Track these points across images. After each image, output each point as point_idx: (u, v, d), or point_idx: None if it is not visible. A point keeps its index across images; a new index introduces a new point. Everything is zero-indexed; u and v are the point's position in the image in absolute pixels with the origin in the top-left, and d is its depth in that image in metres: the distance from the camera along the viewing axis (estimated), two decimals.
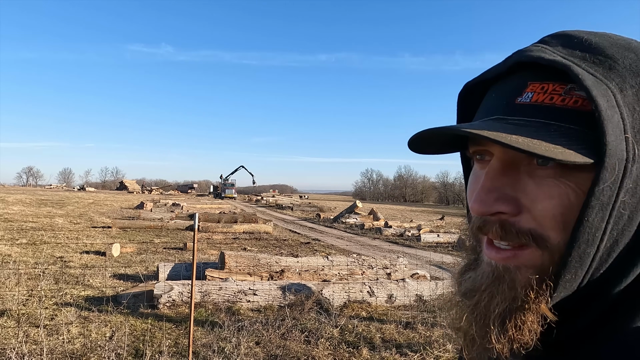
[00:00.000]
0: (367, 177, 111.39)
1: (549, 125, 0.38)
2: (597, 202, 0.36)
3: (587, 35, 0.41)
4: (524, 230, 0.39)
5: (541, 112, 0.39)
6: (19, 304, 4.89)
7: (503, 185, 0.40)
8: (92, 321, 4.50)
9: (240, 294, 5.32)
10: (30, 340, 3.92)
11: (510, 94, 0.42)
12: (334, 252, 10.57)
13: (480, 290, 0.42)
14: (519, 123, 0.39)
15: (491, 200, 0.40)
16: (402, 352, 4.07)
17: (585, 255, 0.37)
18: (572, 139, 0.36)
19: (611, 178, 0.35)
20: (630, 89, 0.37)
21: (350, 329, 4.62)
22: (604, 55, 0.39)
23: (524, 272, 0.40)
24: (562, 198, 0.38)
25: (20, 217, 14.94)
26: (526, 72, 0.41)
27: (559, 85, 0.39)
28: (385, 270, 7.18)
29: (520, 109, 0.40)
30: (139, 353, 3.76)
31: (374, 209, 22.15)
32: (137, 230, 13.13)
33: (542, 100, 0.39)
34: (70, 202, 24.93)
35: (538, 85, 0.40)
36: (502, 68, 0.44)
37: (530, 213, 0.39)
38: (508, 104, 0.41)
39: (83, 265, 7.38)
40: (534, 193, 0.39)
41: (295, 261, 6.83)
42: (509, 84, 0.43)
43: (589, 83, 0.36)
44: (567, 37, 0.42)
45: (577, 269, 0.37)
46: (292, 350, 3.97)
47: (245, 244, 11.23)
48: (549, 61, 0.38)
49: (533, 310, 0.39)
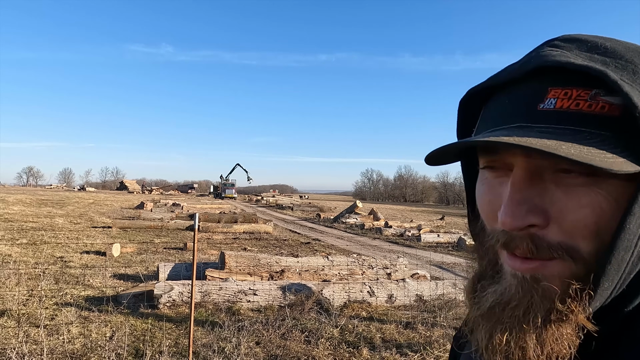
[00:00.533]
0: (367, 177, 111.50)
1: (581, 132, 0.36)
2: (638, 209, 0.35)
3: (599, 40, 0.40)
4: (554, 244, 0.37)
5: (569, 119, 0.37)
6: (19, 304, 4.89)
7: (532, 196, 0.38)
8: (92, 321, 4.50)
9: (241, 294, 5.32)
10: (31, 340, 3.92)
11: (530, 100, 0.39)
12: (334, 252, 10.57)
13: (510, 304, 0.39)
14: (548, 130, 0.37)
15: (522, 212, 0.37)
16: (402, 352, 4.07)
17: (622, 261, 0.36)
18: (611, 146, 0.35)
19: None
20: None
21: (350, 329, 4.62)
22: (625, 60, 0.38)
23: (555, 282, 0.38)
24: (595, 207, 0.36)
25: (21, 217, 14.95)
26: (544, 78, 0.39)
27: (583, 91, 0.37)
28: (385, 270, 7.18)
29: (544, 115, 0.38)
30: (139, 353, 3.76)
31: (374, 209, 22.15)
32: (137, 230, 13.13)
33: (567, 106, 0.37)
34: (70, 202, 24.94)
35: (561, 91, 0.38)
36: (518, 73, 0.41)
37: (559, 224, 0.37)
38: (529, 110, 0.39)
39: (83, 265, 7.38)
40: (563, 202, 0.37)
41: (296, 261, 6.83)
42: (524, 90, 0.40)
43: (628, 89, 0.35)
44: (581, 42, 0.41)
45: (614, 276, 0.36)
46: (292, 350, 3.97)
47: (245, 244, 11.23)
48: (581, 67, 0.37)
49: (572, 321, 0.37)
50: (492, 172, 0.43)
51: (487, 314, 0.41)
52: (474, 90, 0.46)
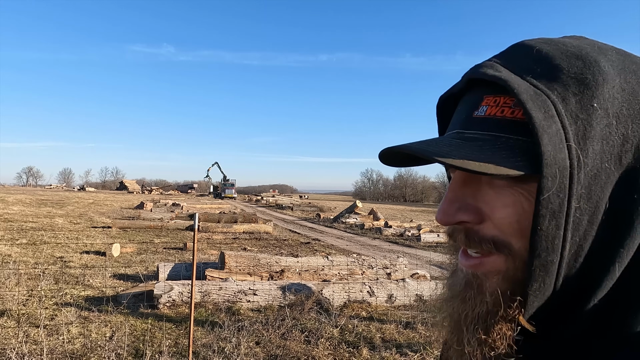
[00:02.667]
0: (367, 177, 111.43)
1: (499, 137, 0.39)
2: (546, 211, 0.36)
3: (540, 45, 0.41)
4: (486, 238, 0.40)
5: (493, 125, 0.40)
6: (19, 304, 4.89)
7: (465, 196, 0.41)
8: (92, 321, 4.50)
9: (240, 294, 5.32)
10: (31, 340, 3.92)
11: (470, 108, 0.43)
12: (334, 252, 10.57)
13: (455, 297, 0.43)
14: (473, 137, 0.40)
15: (453, 210, 0.41)
16: (402, 352, 4.07)
17: (548, 263, 0.37)
18: (516, 151, 0.38)
19: (554, 186, 0.36)
20: (574, 97, 0.37)
21: (350, 328, 4.62)
22: (550, 66, 0.39)
23: (491, 279, 0.41)
24: (517, 206, 0.39)
25: (20, 217, 14.94)
26: (482, 86, 0.42)
27: (509, 98, 0.39)
28: (385, 270, 7.18)
29: (476, 122, 0.41)
30: (139, 353, 3.76)
31: (374, 208, 22.15)
32: (137, 230, 13.13)
33: (494, 113, 0.40)
34: (70, 202, 24.93)
35: (492, 99, 0.41)
36: (461, 84, 0.45)
37: (492, 221, 0.40)
38: (467, 117, 0.42)
39: (83, 266, 7.38)
40: (493, 202, 0.40)
41: (295, 261, 6.83)
42: (470, 98, 0.44)
43: (524, 97, 0.37)
44: (521, 49, 0.43)
45: (543, 278, 0.37)
46: (292, 350, 3.97)
47: (245, 244, 11.23)
48: (491, 77, 0.40)
49: (504, 318, 0.39)
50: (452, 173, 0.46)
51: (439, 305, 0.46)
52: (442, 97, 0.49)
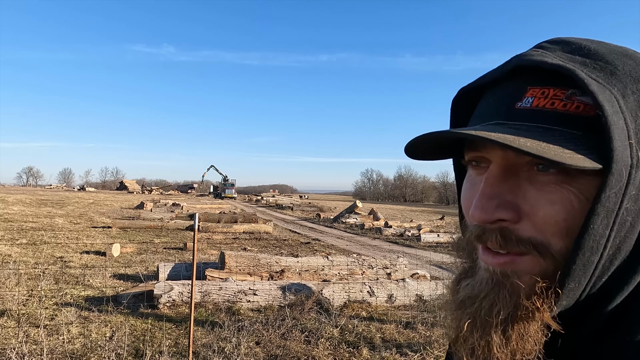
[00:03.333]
0: (367, 177, 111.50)
1: (553, 130, 0.37)
2: (602, 209, 0.35)
3: (585, 42, 0.41)
4: (524, 239, 0.38)
5: (543, 117, 0.38)
6: (19, 304, 4.89)
7: (503, 192, 0.39)
8: (92, 321, 4.50)
9: (240, 294, 5.32)
10: (31, 341, 3.92)
11: (510, 99, 0.41)
12: (334, 252, 10.56)
13: (479, 297, 0.40)
14: (522, 128, 0.38)
15: (492, 207, 0.39)
16: (402, 352, 4.07)
17: (589, 263, 0.36)
18: (578, 144, 0.36)
19: (618, 184, 0.35)
20: (632, 95, 0.37)
21: (350, 329, 4.62)
22: (605, 61, 0.38)
23: (524, 278, 0.38)
24: (565, 204, 0.37)
25: (20, 217, 14.94)
26: (525, 77, 0.41)
27: (560, 91, 0.38)
28: (385, 270, 7.18)
29: (521, 113, 0.39)
30: (139, 353, 3.76)
31: (374, 208, 22.15)
32: (137, 230, 13.12)
33: (543, 105, 0.38)
34: (70, 202, 24.93)
35: (538, 90, 0.39)
36: (500, 73, 0.43)
37: (531, 220, 0.38)
38: (508, 108, 0.40)
39: (83, 266, 7.38)
40: (535, 199, 0.38)
41: (295, 261, 6.83)
42: (507, 89, 0.42)
43: (595, 88, 0.35)
44: (565, 43, 0.42)
45: (580, 277, 0.37)
46: (292, 350, 3.97)
47: (245, 244, 11.23)
48: (553, 65, 0.38)
49: (537, 319, 0.38)
50: (475, 170, 0.44)
51: (458, 306, 0.42)
52: (464, 89, 0.47)
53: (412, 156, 0.45)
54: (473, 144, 0.42)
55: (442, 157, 0.47)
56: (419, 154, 0.45)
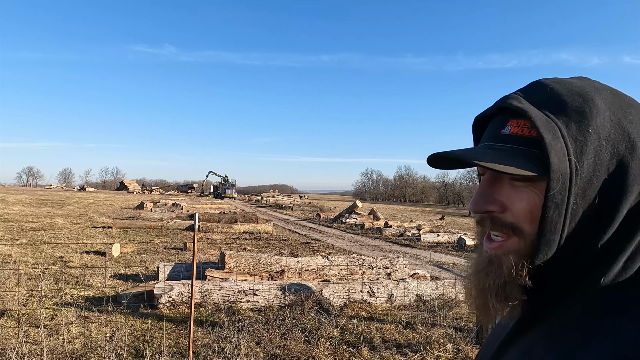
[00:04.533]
0: (367, 177, 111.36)
1: (519, 149, 0.54)
2: (552, 203, 0.51)
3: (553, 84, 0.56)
4: (506, 224, 0.55)
5: (515, 140, 0.55)
6: (19, 304, 4.89)
7: (492, 192, 0.56)
8: (92, 321, 4.51)
9: (241, 294, 5.32)
10: (31, 341, 3.92)
11: (498, 127, 0.58)
12: (334, 252, 10.56)
13: (480, 271, 0.58)
14: (501, 148, 0.55)
15: (482, 202, 0.56)
16: (402, 352, 4.07)
17: (550, 240, 0.52)
18: (531, 159, 0.52)
19: (557, 186, 0.50)
20: (574, 124, 0.52)
21: (350, 329, 4.62)
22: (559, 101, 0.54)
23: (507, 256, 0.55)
24: (530, 200, 0.53)
25: (21, 217, 14.94)
26: (509, 112, 0.57)
27: (528, 122, 0.54)
28: (385, 270, 7.18)
29: (503, 138, 0.56)
30: (139, 353, 3.76)
31: (374, 208, 22.15)
32: (137, 230, 13.13)
33: (517, 132, 0.55)
34: (70, 202, 24.93)
35: (515, 122, 0.56)
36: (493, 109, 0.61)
37: (511, 211, 0.55)
38: (496, 134, 0.58)
39: (83, 266, 7.38)
40: (512, 197, 0.55)
41: (296, 261, 6.83)
42: (498, 120, 0.59)
43: (539, 123, 0.52)
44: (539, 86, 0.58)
45: (546, 251, 0.52)
46: (292, 350, 3.97)
47: (245, 244, 11.23)
48: (516, 107, 0.55)
49: (516, 283, 0.54)
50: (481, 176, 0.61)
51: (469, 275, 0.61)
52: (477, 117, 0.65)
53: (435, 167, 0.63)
54: None
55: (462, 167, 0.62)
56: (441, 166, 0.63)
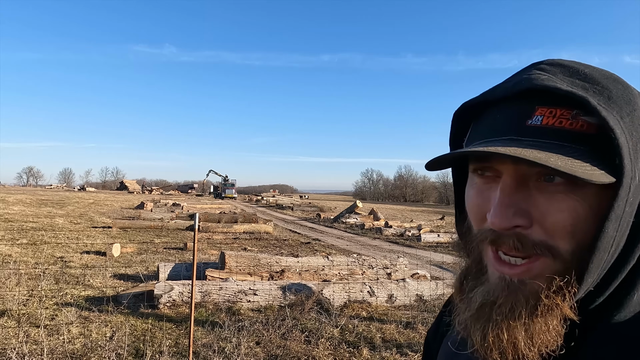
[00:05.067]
0: (367, 177, 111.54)
1: (564, 146, 0.41)
2: (614, 216, 0.40)
3: (579, 66, 0.45)
4: (537, 242, 0.42)
5: (553, 134, 0.42)
6: (19, 304, 4.89)
7: (518, 201, 0.43)
8: (92, 321, 4.51)
9: (241, 294, 5.32)
10: (31, 340, 3.92)
11: (520, 116, 0.44)
12: (334, 252, 10.57)
13: (497, 303, 0.44)
14: (536, 144, 0.42)
15: (510, 214, 0.42)
16: (403, 352, 4.07)
17: (602, 260, 0.41)
18: (588, 160, 0.40)
19: (626, 195, 0.40)
20: (627, 116, 0.42)
21: (350, 329, 4.62)
22: (601, 86, 0.43)
23: (540, 280, 0.42)
24: (571, 211, 0.41)
25: (21, 217, 14.95)
26: (532, 97, 0.44)
27: (566, 110, 0.42)
28: (385, 270, 7.18)
29: (532, 130, 0.43)
30: (140, 353, 3.76)
31: (374, 208, 22.16)
32: (137, 230, 13.13)
33: (552, 123, 0.42)
34: (70, 202, 24.93)
35: (547, 110, 0.43)
36: (510, 92, 0.46)
37: (541, 225, 0.42)
38: (519, 125, 0.44)
39: (83, 266, 7.38)
40: (545, 207, 0.42)
41: (296, 261, 6.83)
42: (516, 107, 0.45)
43: (605, 113, 0.40)
44: (562, 67, 0.46)
45: (594, 273, 0.41)
46: (293, 350, 3.97)
47: (245, 244, 11.23)
48: (566, 92, 0.42)
49: (557, 314, 0.42)
50: (481, 178, 0.47)
51: (476, 314, 0.45)
52: (468, 103, 0.50)
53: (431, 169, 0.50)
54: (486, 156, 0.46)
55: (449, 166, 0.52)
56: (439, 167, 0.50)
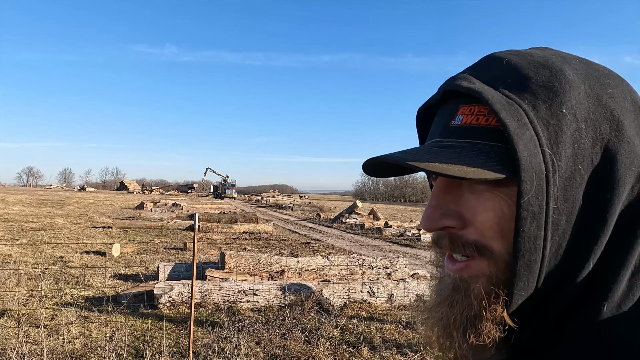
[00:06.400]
0: (367, 177, 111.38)
1: (476, 144, 0.41)
2: (527, 213, 0.38)
3: (509, 57, 0.44)
4: (469, 242, 0.41)
5: (470, 133, 0.41)
6: (19, 304, 4.89)
7: (447, 202, 0.43)
8: (92, 321, 4.50)
9: (241, 294, 5.32)
10: (31, 341, 3.92)
11: (447, 118, 0.44)
12: (334, 252, 10.56)
13: (443, 302, 0.44)
14: (451, 144, 0.42)
15: (437, 216, 0.42)
16: (403, 352, 4.07)
17: (531, 262, 0.38)
18: (493, 156, 0.39)
19: (532, 189, 0.37)
20: (543, 104, 0.39)
21: (350, 329, 4.62)
22: (520, 76, 0.41)
23: (476, 281, 0.42)
24: (496, 209, 0.40)
25: (21, 218, 14.94)
26: (457, 98, 0.44)
27: (483, 107, 0.41)
28: (385, 270, 7.18)
29: (454, 131, 0.43)
30: (139, 353, 3.76)
31: (374, 208, 22.15)
32: (137, 231, 13.12)
33: (470, 121, 0.42)
34: (70, 202, 24.93)
35: (467, 108, 0.42)
36: (439, 95, 0.46)
37: (474, 225, 0.41)
38: (445, 127, 0.44)
39: (83, 266, 7.38)
40: (474, 206, 0.41)
41: (296, 261, 6.83)
42: (446, 109, 0.45)
43: (498, 107, 0.38)
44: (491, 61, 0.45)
45: (527, 276, 0.39)
46: (292, 350, 3.97)
47: (245, 244, 11.23)
48: (466, 89, 0.42)
49: (489, 318, 0.40)
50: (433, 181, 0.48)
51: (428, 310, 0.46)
52: (420, 109, 0.51)
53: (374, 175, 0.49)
54: None
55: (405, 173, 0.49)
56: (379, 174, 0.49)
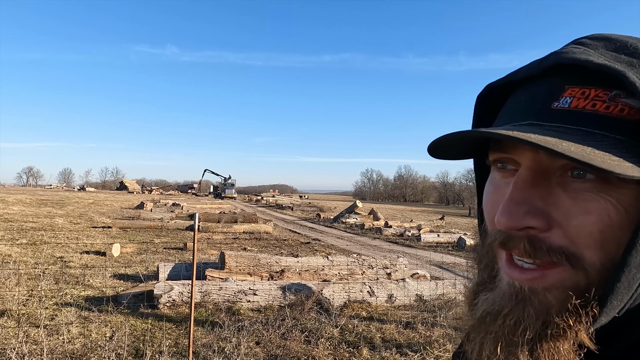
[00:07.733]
0: (367, 177, 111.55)
1: (593, 134, 0.34)
2: None
3: (629, 39, 0.38)
4: (555, 248, 0.35)
5: (582, 119, 0.35)
6: (19, 304, 4.89)
7: (533, 198, 0.36)
8: (92, 321, 4.50)
9: (241, 294, 5.32)
10: (31, 341, 3.92)
11: (545, 98, 0.38)
12: (334, 252, 10.56)
13: (502, 313, 0.37)
14: (559, 130, 0.35)
15: (521, 213, 0.35)
16: (403, 352, 4.07)
17: (635, 279, 0.33)
18: (623, 151, 0.33)
19: None
20: None
21: (350, 328, 4.62)
22: None
23: (554, 294, 0.35)
24: (602, 214, 0.34)
25: (21, 217, 14.94)
26: (563, 76, 0.38)
27: (602, 91, 0.35)
28: (385, 270, 7.18)
29: (557, 114, 0.36)
30: (139, 353, 3.76)
31: (374, 208, 22.16)
32: (137, 230, 13.12)
33: (583, 106, 0.35)
34: (70, 202, 24.92)
35: (578, 90, 0.36)
36: (536, 69, 0.40)
37: (562, 229, 0.35)
38: (543, 108, 0.37)
39: (83, 266, 7.38)
40: (568, 207, 0.35)
41: (296, 261, 6.83)
42: (542, 87, 0.39)
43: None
44: (607, 40, 0.39)
45: (624, 295, 0.34)
46: (292, 350, 3.97)
47: (245, 244, 11.22)
48: (599, 65, 0.35)
49: (570, 338, 0.34)
50: (501, 173, 0.41)
51: (477, 322, 0.39)
52: (492, 85, 0.44)
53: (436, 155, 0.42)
54: (500, 145, 0.39)
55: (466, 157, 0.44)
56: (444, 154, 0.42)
